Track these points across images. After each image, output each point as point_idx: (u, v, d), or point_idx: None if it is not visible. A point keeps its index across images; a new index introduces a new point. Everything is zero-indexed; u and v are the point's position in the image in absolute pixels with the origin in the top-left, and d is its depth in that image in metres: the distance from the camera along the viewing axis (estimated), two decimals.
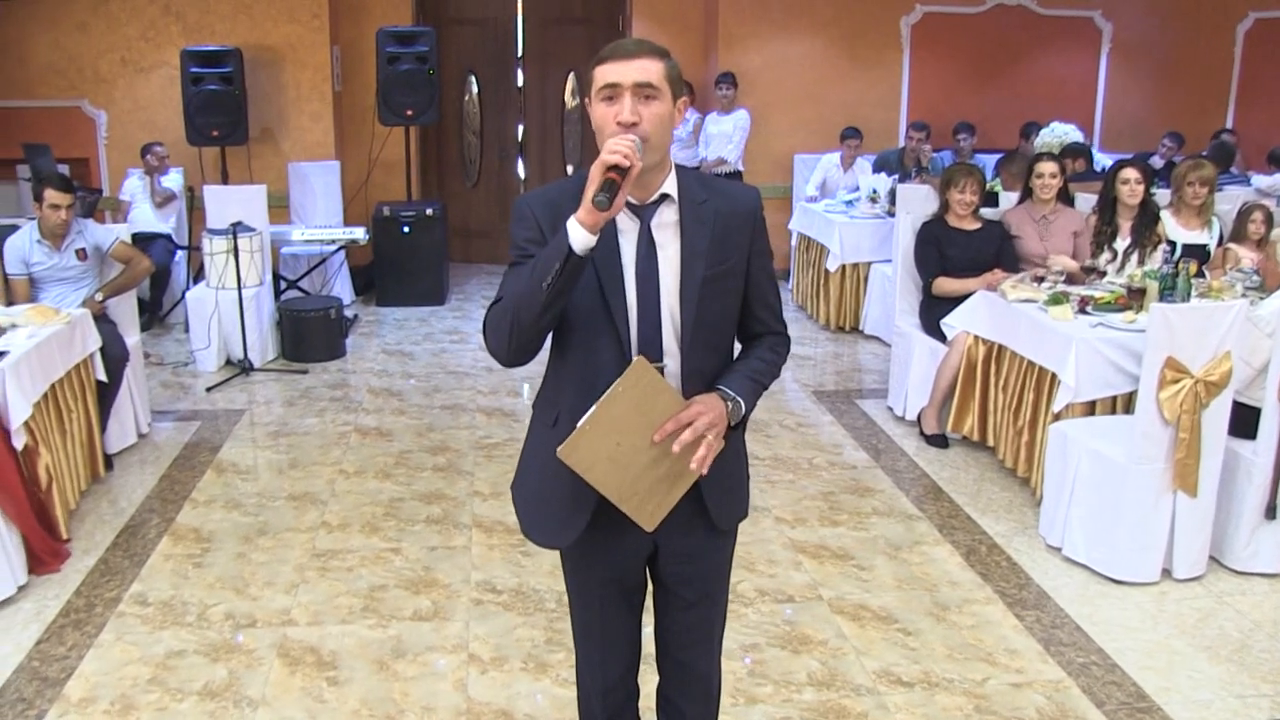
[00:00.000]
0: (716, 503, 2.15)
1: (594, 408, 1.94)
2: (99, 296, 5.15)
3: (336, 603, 3.79)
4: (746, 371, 2.13)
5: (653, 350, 2.02)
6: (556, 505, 2.12)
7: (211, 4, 8.24)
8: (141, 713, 3.15)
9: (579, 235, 1.84)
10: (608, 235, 1.96)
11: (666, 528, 2.11)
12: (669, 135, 2.01)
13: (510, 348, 1.97)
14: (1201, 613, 3.74)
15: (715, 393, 2.04)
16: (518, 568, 4.05)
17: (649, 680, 2.40)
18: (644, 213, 2.03)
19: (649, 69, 1.95)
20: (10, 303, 4.85)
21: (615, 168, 1.84)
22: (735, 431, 2.12)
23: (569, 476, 1.99)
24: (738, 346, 2.22)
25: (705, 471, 1.99)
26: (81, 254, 5.14)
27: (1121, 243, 5.25)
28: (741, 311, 2.17)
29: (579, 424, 1.95)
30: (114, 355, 4.89)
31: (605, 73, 1.96)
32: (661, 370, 2.01)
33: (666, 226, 2.04)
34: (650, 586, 2.30)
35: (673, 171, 2.06)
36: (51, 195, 4.95)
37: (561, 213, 1.92)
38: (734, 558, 2.33)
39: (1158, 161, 8.09)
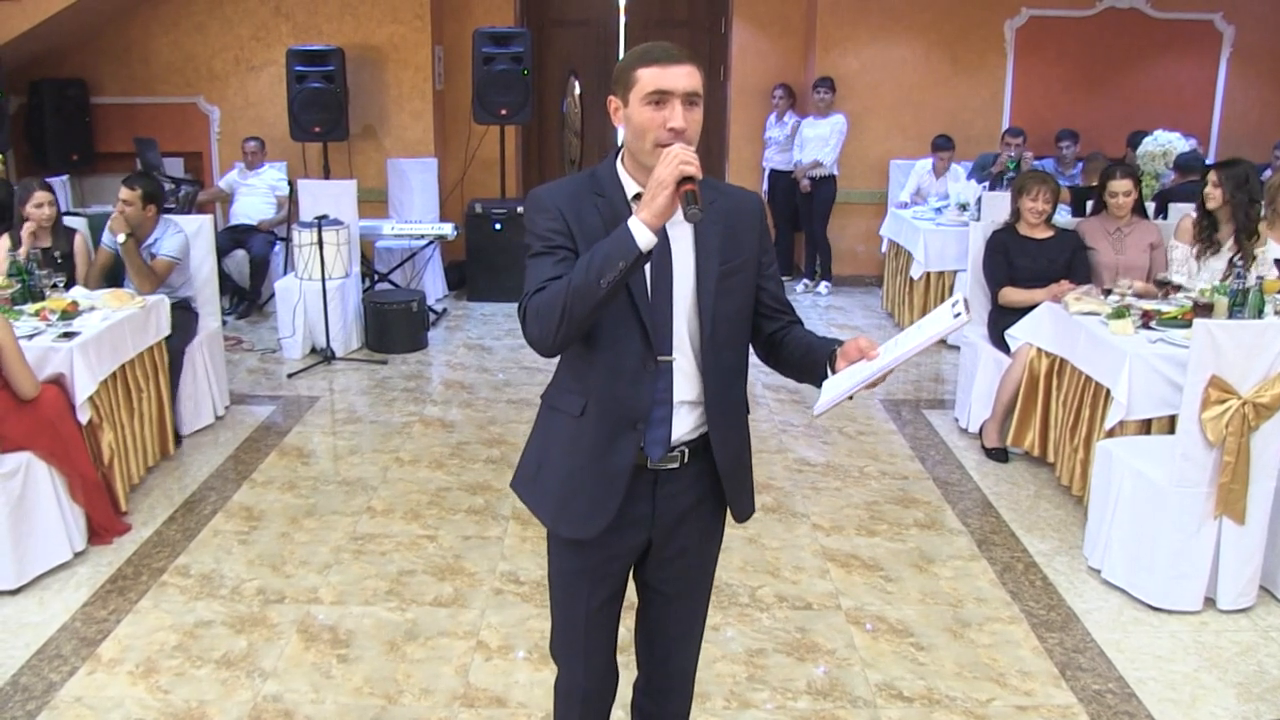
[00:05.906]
0: (736, 496, 2.27)
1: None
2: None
3: (364, 585, 3.91)
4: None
5: (668, 345, 2.12)
6: (586, 495, 2.18)
7: (319, 5, 8.57)
8: (161, 676, 3.32)
9: (645, 236, 1.92)
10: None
11: (671, 520, 2.22)
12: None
13: (557, 337, 2.02)
14: (1241, 646, 3.54)
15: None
16: (544, 560, 4.07)
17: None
18: None
19: (696, 77, 2.04)
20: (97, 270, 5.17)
21: (690, 178, 1.92)
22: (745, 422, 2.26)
23: (599, 466, 2.13)
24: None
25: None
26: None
27: (1227, 243, 5.00)
28: (764, 311, 2.26)
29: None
30: (172, 344, 5.08)
31: (655, 77, 2.02)
32: (670, 365, 2.12)
33: (679, 225, 2.09)
34: (630, 585, 2.36)
35: None
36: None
37: (581, 207, 2.07)
38: (758, 562, 2.34)
39: (1270, 174, 7.66)
